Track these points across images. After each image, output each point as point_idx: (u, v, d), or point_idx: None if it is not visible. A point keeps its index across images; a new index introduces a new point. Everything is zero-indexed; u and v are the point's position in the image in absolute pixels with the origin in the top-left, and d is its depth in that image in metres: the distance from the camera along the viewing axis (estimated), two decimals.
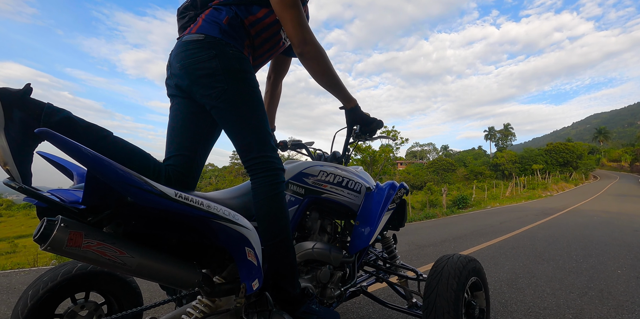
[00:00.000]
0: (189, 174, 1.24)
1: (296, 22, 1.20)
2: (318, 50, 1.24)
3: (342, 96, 1.38)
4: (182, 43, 1.21)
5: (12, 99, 0.88)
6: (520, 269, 3.62)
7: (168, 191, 0.84)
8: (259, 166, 1.19)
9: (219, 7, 1.27)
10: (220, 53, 1.18)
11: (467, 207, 16.95)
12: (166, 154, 1.27)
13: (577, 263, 3.99)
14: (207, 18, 1.24)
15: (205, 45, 1.18)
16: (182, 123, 1.28)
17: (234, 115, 1.19)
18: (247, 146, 1.20)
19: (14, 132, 0.88)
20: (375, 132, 1.50)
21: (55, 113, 0.95)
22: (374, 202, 1.55)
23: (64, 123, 0.96)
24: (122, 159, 1.05)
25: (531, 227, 7.40)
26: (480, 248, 4.92)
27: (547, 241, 5.49)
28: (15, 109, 0.88)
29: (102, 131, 1.03)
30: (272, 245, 1.18)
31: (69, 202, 0.84)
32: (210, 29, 1.21)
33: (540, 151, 53.29)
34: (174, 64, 1.23)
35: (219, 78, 1.17)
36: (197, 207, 0.89)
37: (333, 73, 1.30)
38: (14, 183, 0.83)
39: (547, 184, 31.57)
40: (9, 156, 0.86)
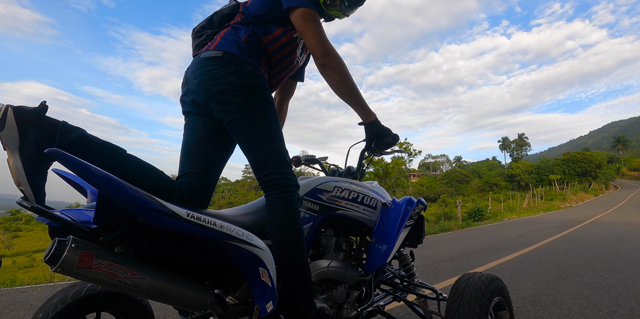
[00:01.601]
0: (203, 191, 1.22)
1: (318, 35, 1.24)
2: (339, 61, 1.26)
3: (361, 109, 1.34)
4: (199, 60, 1.22)
5: (27, 118, 0.88)
6: (544, 286, 3.47)
7: (180, 212, 0.82)
8: (274, 183, 1.18)
9: (237, 26, 1.30)
10: (238, 69, 1.19)
11: (483, 220, 16.58)
12: (180, 171, 1.26)
13: (604, 278, 3.82)
14: (225, 36, 1.27)
15: (223, 61, 1.20)
16: (197, 140, 1.27)
17: (251, 131, 1.19)
18: (262, 162, 1.19)
19: (29, 152, 0.87)
20: (390, 147, 1.46)
21: (70, 132, 0.95)
22: (391, 218, 1.50)
23: (78, 142, 0.96)
24: (135, 177, 1.04)
25: (552, 241, 7.16)
26: (500, 262, 4.76)
27: (570, 255, 5.29)
28: (30, 129, 0.88)
29: (116, 149, 1.03)
30: (287, 264, 1.14)
31: (80, 222, 0.83)
32: (228, 46, 1.23)
33: (557, 160, 52.17)
34: (190, 81, 1.24)
35: (236, 94, 1.18)
36: (210, 228, 0.86)
37: (353, 85, 1.29)
38: (26, 203, 0.83)
39: (566, 195, 30.78)
40: (23, 177, 0.86)
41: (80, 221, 0.83)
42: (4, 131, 0.85)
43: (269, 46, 1.33)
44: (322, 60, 1.24)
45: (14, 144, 0.86)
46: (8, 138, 0.85)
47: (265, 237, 1.20)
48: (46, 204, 0.97)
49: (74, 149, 0.95)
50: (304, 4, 1.24)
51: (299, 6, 1.23)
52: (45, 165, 0.91)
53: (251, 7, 1.33)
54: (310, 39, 1.24)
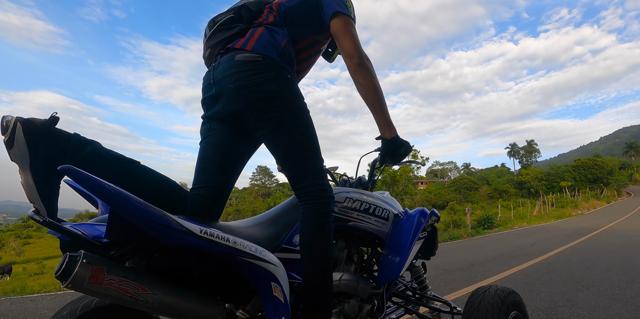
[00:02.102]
0: (216, 205, 1.20)
1: (356, 38, 1.25)
2: (371, 64, 1.26)
3: (384, 120, 1.30)
4: (235, 62, 1.15)
5: (37, 133, 0.86)
6: (559, 297, 3.39)
7: (193, 228, 0.81)
8: (313, 194, 1.17)
9: (272, 28, 1.25)
10: (279, 76, 1.16)
11: (493, 228, 16.34)
12: (196, 183, 1.22)
13: (621, 289, 3.71)
14: (262, 37, 1.21)
15: (263, 67, 1.15)
16: (219, 152, 1.24)
17: (291, 142, 1.17)
18: (302, 173, 1.19)
19: (40, 169, 0.86)
20: (404, 157, 1.43)
21: (82, 147, 0.93)
22: (404, 230, 1.47)
23: (91, 158, 0.94)
24: (149, 189, 1.04)
25: (565, 249, 7.02)
26: (512, 272, 4.67)
27: (584, 265, 5.17)
28: (41, 145, 0.87)
29: (129, 163, 1.02)
30: (315, 275, 1.13)
31: (92, 236, 0.82)
32: (267, 50, 1.18)
33: (567, 167, 51.47)
34: (223, 84, 1.17)
35: (277, 103, 1.14)
36: (223, 244, 0.85)
37: (382, 92, 1.28)
38: (38, 217, 0.82)
39: (577, 202, 30.27)
40: (35, 194, 0.85)
41: (91, 236, 0.82)
42: (13, 148, 0.83)
43: (299, 53, 1.32)
44: (360, 59, 1.22)
45: (24, 161, 0.85)
46: (18, 156, 0.84)
47: (276, 250, 1.18)
48: (58, 217, 0.97)
49: (87, 164, 0.94)
50: (349, 13, 1.27)
51: (345, 13, 1.25)
52: (57, 180, 0.90)
53: (288, 9, 1.29)
54: (349, 41, 1.24)
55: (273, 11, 1.29)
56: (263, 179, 74.35)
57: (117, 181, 1.00)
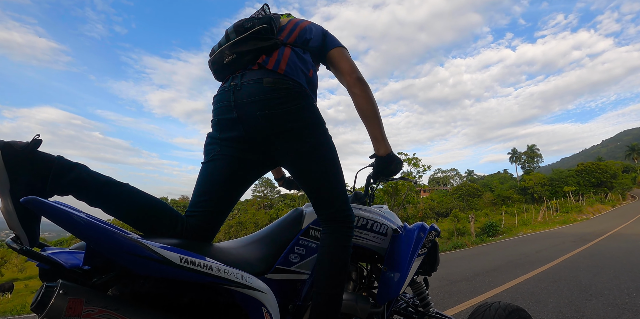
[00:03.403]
0: (211, 228, 1.16)
1: (353, 62, 1.32)
2: (365, 81, 1.29)
3: (379, 134, 1.28)
4: (265, 88, 1.11)
5: (17, 158, 0.83)
6: (567, 307, 3.30)
7: (172, 256, 0.77)
8: (339, 220, 1.19)
9: (298, 51, 1.24)
10: (308, 105, 1.16)
11: (498, 235, 16.18)
12: (194, 205, 1.17)
13: (630, 297, 3.62)
14: (292, 61, 1.18)
15: (294, 94, 1.13)
16: (225, 178, 1.18)
17: (321, 170, 1.18)
18: (329, 200, 1.20)
19: (20, 195, 0.82)
20: (395, 174, 1.40)
21: (65, 172, 0.90)
22: (403, 246, 1.43)
23: (75, 183, 0.91)
24: (139, 213, 1.01)
25: (571, 256, 6.90)
26: (518, 282, 4.57)
27: (592, 272, 5.07)
28: (21, 170, 0.84)
29: (117, 186, 0.98)
30: (329, 295, 1.12)
31: (69, 265, 0.78)
32: (297, 76, 1.17)
33: (570, 171, 51.17)
34: (248, 110, 1.11)
35: (307, 132, 1.14)
36: (205, 273, 0.81)
37: (376, 104, 1.29)
38: (15, 245, 0.79)
39: (582, 207, 29.98)
40: (15, 221, 0.81)
41: (69, 264, 0.79)
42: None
43: (315, 78, 1.33)
44: (357, 75, 1.27)
45: (3, 187, 0.82)
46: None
47: (270, 270, 1.14)
48: (41, 242, 0.93)
49: (71, 189, 0.91)
50: (344, 46, 1.35)
51: (342, 46, 1.34)
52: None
53: (309, 35, 1.30)
54: (346, 63, 1.30)
55: (295, 32, 1.28)
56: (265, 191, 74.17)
57: (104, 205, 0.97)
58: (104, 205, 0.98)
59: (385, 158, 1.31)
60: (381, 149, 1.30)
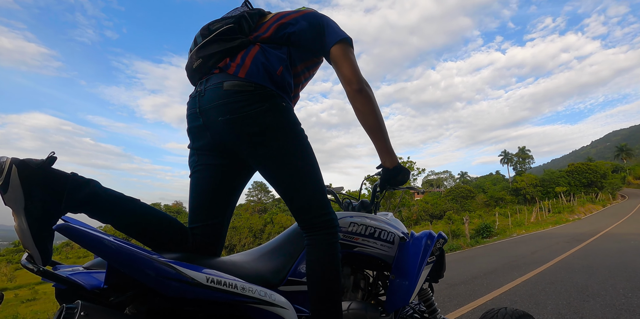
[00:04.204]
0: (216, 241, 1.16)
1: (355, 65, 1.19)
2: (371, 90, 1.21)
3: (385, 147, 1.25)
4: (225, 92, 1.06)
5: (32, 175, 0.83)
6: (566, 309, 3.34)
7: (200, 277, 0.78)
8: (318, 225, 1.11)
9: (268, 49, 1.15)
10: (273, 106, 1.08)
11: (492, 236, 16.28)
12: (193, 221, 1.16)
13: (627, 298, 3.67)
14: (256, 60, 1.11)
15: (256, 97, 1.06)
16: (212, 188, 1.17)
17: (291, 174, 1.10)
18: (305, 205, 1.12)
19: (35, 213, 0.83)
20: (402, 184, 1.41)
21: (79, 189, 0.89)
22: (411, 254, 1.44)
23: (89, 199, 0.90)
24: (151, 228, 1.01)
25: (566, 257, 6.98)
26: (516, 284, 4.61)
27: (587, 273, 5.13)
28: (35, 187, 0.83)
29: (129, 202, 0.98)
30: (326, 309, 1.06)
31: (90, 286, 0.78)
32: (261, 78, 1.09)
33: (561, 172, 51.78)
34: (211, 116, 1.08)
35: (272, 135, 1.07)
36: (232, 292, 0.82)
37: (382, 117, 1.22)
38: (32, 265, 0.78)
39: (573, 207, 30.34)
40: (29, 240, 0.81)
41: (90, 285, 0.79)
42: (7, 193, 0.80)
43: (297, 77, 1.26)
44: (359, 86, 1.16)
45: (18, 205, 0.81)
46: (12, 200, 0.81)
47: (282, 283, 1.14)
48: (53, 260, 0.93)
49: (85, 206, 0.90)
50: (349, 39, 1.21)
51: (346, 41, 1.20)
52: (53, 223, 0.86)
53: (291, 23, 1.20)
54: (348, 67, 1.17)
55: (273, 27, 1.19)
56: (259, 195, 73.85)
57: (117, 222, 0.97)
58: (117, 221, 0.97)
59: (393, 170, 1.30)
60: (387, 161, 1.29)
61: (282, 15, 1.24)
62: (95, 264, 0.91)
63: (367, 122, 1.20)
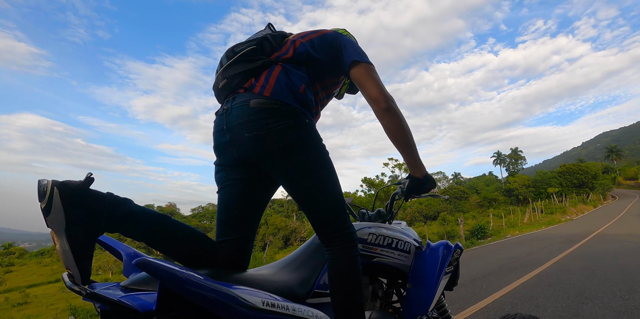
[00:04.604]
0: (245, 254, 1.19)
1: (380, 83, 1.22)
2: (397, 107, 1.23)
3: (415, 160, 1.29)
4: (251, 109, 1.11)
5: (73, 197, 0.85)
6: (566, 312, 3.40)
7: (255, 301, 0.80)
8: (339, 239, 1.15)
9: (290, 68, 1.19)
10: (297, 123, 1.12)
11: (486, 237, 16.42)
12: (222, 235, 1.19)
13: (624, 300, 3.75)
14: (279, 80, 1.15)
15: (281, 114, 1.10)
16: (240, 203, 1.20)
17: (313, 188, 1.14)
18: (326, 219, 1.15)
19: (76, 234, 0.85)
20: (428, 192, 1.44)
21: (117, 208, 0.92)
22: (428, 263, 1.47)
23: (126, 218, 0.93)
24: (183, 244, 1.03)
25: (561, 259, 7.08)
26: (515, 286, 4.68)
27: (584, 275, 5.22)
28: (76, 209, 0.85)
29: (162, 218, 1.00)
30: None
31: (142, 309, 0.79)
32: (285, 96, 1.13)
33: (553, 173, 52.41)
34: (237, 132, 1.12)
35: (296, 151, 1.10)
36: (285, 314, 0.85)
37: (411, 132, 1.25)
38: (78, 287, 0.79)
39: (566, 208, 30.73)
40: (71, 261, 0.83)
41: (142, 309, 0.79)
42: (50, 215, 0.82)
43: (317, 95, 1.30)
44: (386, 104, 1.19)
45: (60, 226, 0.83)
46: (55, 221, 0.82)
47: (309, 295, 1.17)
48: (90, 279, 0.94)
49: (123, 224, 0.93)
50: (369, 61, 1.25)
51: (365, 61, 1.24)
52: (93, 244, 0.88)
53: (311, 47, 1.24)
54: (373, 87, 1.21)
55: (294, 47, 1.23)
56: None
57: (152, 238, 0.99)
58: (151, 238, 0.99)
59: (422, 179, 1.34)
60: (417, 172, 1.32)
61: (301, 35, 1.29)
62: (133, 282, 0.93)
63: (396, 139, 1.23)
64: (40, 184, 0.83)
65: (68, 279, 0.83)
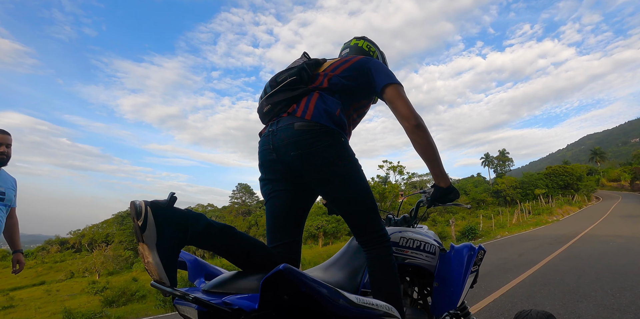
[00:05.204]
0: (297, 257, 1.33)
1: (409, 103, 1.39)
2: (425, 125, 1.38)
3: (440, 172, 1.43)
4: (295, 131, 1.26)
5: (163, 215, 0.96)
6: (563, 309, 3.59)
7: (352, 298, 0.92)
8: (376, 243, 1.30)
9: (325, 95, 1.35)
10: (336, 142, 1.28)
11: (477, 238, 16.75)
12: (274, 241, 1.34)
13: (615, 298, 3.96)
14: (318, 106, 1.31)
15: (321, 135, 1.26)
16: (288, 211, 1.36)
17: (351, 198, 1.29)
18: (364, 225, 1.31)
19: (165, 247, 0.95)
20: (451, 201, 1.57)
21: (197, 222, 1.03)
22: (454, 263, 1.62)
23: (205, 231, 1.04)
24: (250, 252, 1.15)
25: (552, 259, 7.33)
26: (512, 286, 4.87)
27: (576, 274, 5.44)
28: (166, 225, 0.96)
29: (230, 229, 1.12)
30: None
31: (248, 308, 0.89)
32: (323, 119, 1.29)
33: (540, 175, 53.54)
34: (284, 151, 1.28)
35: (335, 166, 1.26)
36: (374, 309, 0.97)
37: (435, 146, 1.40)
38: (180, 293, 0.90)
39: (552, 209, 31.42)
40: (163, 273, 0.93)
41: (248, 308, 0.89)
42: (145, 232, 0.92)
43: (350, 117, 1.46)
44: (416, 122, 1.35)
45: (153, 241, 0.93)
46: (149, 238, 0.93)
47: (357, 294, 1.29)
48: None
49: (203, 237, 1.04)
50: (399, 81, 1.41)
51: (396, 82, 1.40)
52: (177, 256, 0.99)
53: (342, 76, 1.40)
54: (404, 106, 1.37)
55: (327, 77, 1.40)
56: (243, 197, 73.29)
57: (225, 248, 1.11)
58: (224, 249, 1.11)
59: (446, 189, 1.48)
60: (442, 182, 1.47)
61: (334, 66, 1.45)
62: (214, 286, 1.04)
63: (425, 153, 1.39)
64: (136, 204, 0.94)
65: (161, 285, 0.93)
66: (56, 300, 23.40)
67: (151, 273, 0.94)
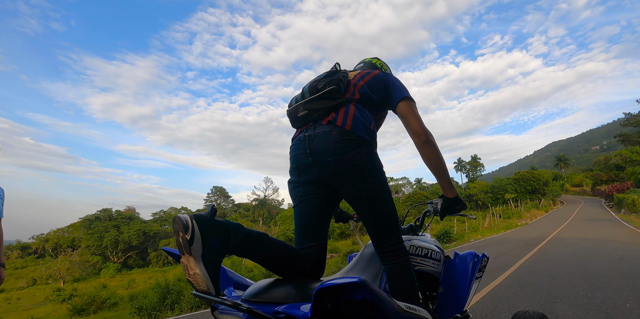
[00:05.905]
0: (324, 259, 1.37)
1: (421, 119, 1.47)
2: (433, 138, 1.46)
3: (447, 184, 1.52)
4: (334, 138, 1.32)
5: (207, 227, 0.98)
6: (541, 310, 3.76)
7: (401, 305, 0.97)
8: (395, 252, 1.36)
9: (360, 107, 1.42)
10: (369, 151, 1.35)
11: (452, 242, 17.19)
12: (303, 242, 1.37)
13: (587, 298, 4.20)
14: (357, 118, 1.37)
15: (358, 144, 1.32)
16: (317, 213, 1.40)
17: (378, 206, 1.34)
18: (386, 234, 1.36)
19: (210, 258, 0.97)
20: (459, 212, 1.66)
21: (237, 232, 1.06)
22: (459, 270, 1.70)
23: (245, 241, 1.07)
24: (284, 257, 1.18)
25: (526, 262, 7.65)
26: (491, 288, 5.06)
27: (549, 276, 5.71)
28: (210, 237, 0.98)
29: (264, 236, 1.15)
30: None
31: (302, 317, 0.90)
32: (360, 130, 1.35)
33: (509, 180, 55.52)
34: (321, 156, 1.32)
35: (370, 174, 1.32)
36: (418, 315, 1.02)
37: (444, 160, 1.48)
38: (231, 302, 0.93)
39: (521, 213, 32.66)
40: (209, 283, 0.96)
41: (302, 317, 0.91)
42: (193, 245, 0.94)
43: (377, 127, 1.54)
44: (426, 137, 1.43)
45: (199, 253, 0.96)
46: (196, 250, 0.95)
47: None
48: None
49: (243, 248, 1.07)
50: (412, 97, 1.50)
51: (410, 98, 1.49)
52: (220, 265, 1.01)
53: (369, 89, 1.47)
54: (415, 121, 1.45)
55: (357, 89, 1.46)
56: (219, 201, 72.05)
57: (263, 256, 1.14)
58: (262, 256, 1.15)
59: (454, 199, 1.57)
60: (449, 193, 1.56)
61: (358, 78, 1.52)
62: (252, 295, 1.07)
63: (434, 166, 1.47)
64: (182, 218, 0.96)
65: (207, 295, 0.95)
66: (18, 309, 22.19)
67: (198, 283, 0.96)
